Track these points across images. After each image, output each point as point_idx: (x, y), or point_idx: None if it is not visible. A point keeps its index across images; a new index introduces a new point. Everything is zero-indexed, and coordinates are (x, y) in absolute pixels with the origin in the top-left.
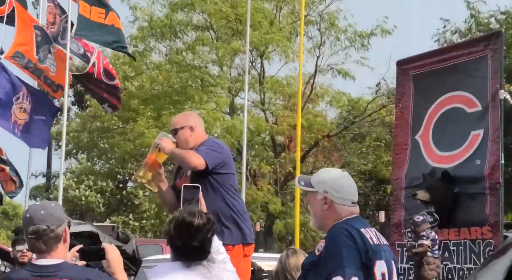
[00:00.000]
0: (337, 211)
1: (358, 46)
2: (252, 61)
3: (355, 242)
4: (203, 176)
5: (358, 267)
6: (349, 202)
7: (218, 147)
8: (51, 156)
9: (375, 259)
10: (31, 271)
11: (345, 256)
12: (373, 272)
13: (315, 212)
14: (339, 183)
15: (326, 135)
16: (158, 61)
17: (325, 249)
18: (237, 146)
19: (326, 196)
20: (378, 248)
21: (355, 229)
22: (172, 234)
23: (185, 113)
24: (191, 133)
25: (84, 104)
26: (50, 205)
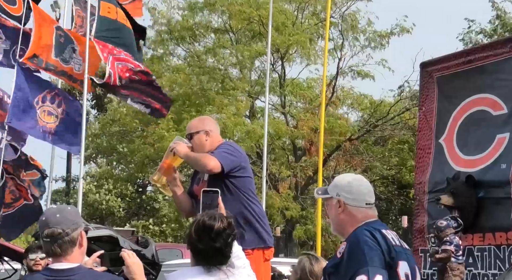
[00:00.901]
0: (352, 214)
1: (377, 46)
2: (273, 64)
3: (377, 242)
4: (220, 180)
5: (382, 266)
6: (363, 203)
7: (234, 150)
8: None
9: (398, 260)
10: (46, 275)
11: (368, 256)
12: (397, 272)
13: (332, 217)
14: (350, 185)
15: (348, 139)
16: (177, 64)
17: (347, 250)
18: (257, 149)
19: (339, 199)
20: (399, 249)
21: (377, 229)
22: (193, 237)
23: (200, 118)
24: (207, 138)
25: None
26: (66, 209)
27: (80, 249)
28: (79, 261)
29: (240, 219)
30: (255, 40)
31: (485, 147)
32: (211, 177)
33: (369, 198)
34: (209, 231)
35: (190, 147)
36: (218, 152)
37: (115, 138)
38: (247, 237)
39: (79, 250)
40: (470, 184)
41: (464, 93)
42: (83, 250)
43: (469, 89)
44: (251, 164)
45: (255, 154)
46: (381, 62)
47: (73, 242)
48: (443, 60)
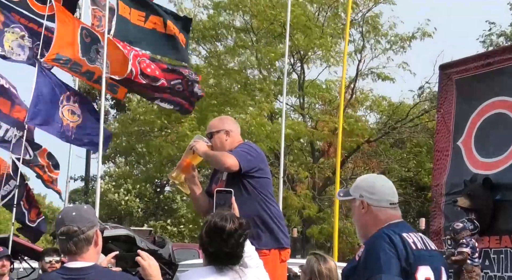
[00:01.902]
0: (375, 214)
1: (398, 49)
2: (293, 65)
3: (395, 247)
4: (238, 180)
5: (397, 273)
6: (386, 203)
7: (253, 150)
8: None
9: (418, 265)
10: (62, 273)
11: (383, 262)
12: (415, 277)
13: (356, 219)
14: (372, 185)
15: (366, 140)
16: (198, 64)
17: (364, 254)
18: (275, 150)
19: (362, 200)
20: (421, 253)
21: (397, 234)
22: (204, 239)
23: (221, 117)
24: (227, 138)
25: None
26: (83, 208)
27: (96, 248)
28: (94, 260)
29: (257, 219)
30: (276, 41)
31: (503, 149)
32: (229, 176)
33: (393, 198)
34: (220, 233)
35: (210, 146)
36: (237, 151)
37: (134, 138)
38: (264, 238)
39: (94, 249)
40: (487, 186)
41: (483, 95)
42: (98, 249)
43: (488, 91)
44: (269, 165)
45: (273, 155)
46: (402, 65)
47: (88, 240)
48: (462, 63)
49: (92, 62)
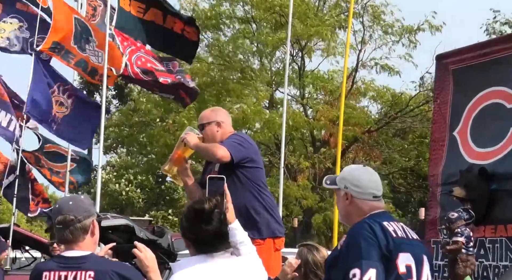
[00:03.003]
0: (359, 206)
1: (406, 42)
2: (293, 55)
3: (375, 234)
4: (231, 171)
5: (377, 259)
6: (369, 196)
7: (244, 141)
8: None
9: (398, 252)
10: (58, 262)
11: (363, 249)
12: (395, 264)
13: (340, 208)
14: (358, 178)
15: (367, 130)
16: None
17: (345, 243)
18: (276, 140)
19: (347, 191)
20: (402, 241)
21: (377, 222)
22: (186, 226)
23: (213, 109)
24: (218, 129)
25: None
26: (79, 197)
27: (93, 237)
28: (91, 249)
29: (250, 209)
30: (276, 30)
31: (499, 139)
32: (221, 167)
33: (377, 192)
34: (200, 214)
35: (201, 138)
36: (228, 141)
37: (135, 128)
38: (258, 227)
39: (91, 238)
40: (483, 176)
41: (479, 86)
42: (95, 239)
43: (484, 82)
44: (270, 154)
45: (274, 145)
46: (404, 56)
47: (85, 229)
48: (458, 53)
49: (83, 51)
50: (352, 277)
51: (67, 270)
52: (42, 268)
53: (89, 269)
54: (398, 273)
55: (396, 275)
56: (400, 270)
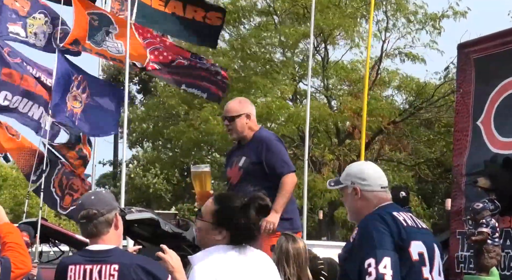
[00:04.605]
0: (369, 199)
1: (430, 29)
2: (316, 46)
3: (386, 224)
4: (257, 167)
5: (391, 248)
6: (378, 188)
7: (283, 145)
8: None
9: (410, 240)
10: (84, 256)
11: (376, 239)
12: (408, 252)
13: (350, 206)
14: (363, 171)
15: (392, 121)
16: (221, 48)
17: (358, 235)
18: (300, 133)
19: (355, 186)
20: (413, 230)
21: (387, 212)
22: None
23: (240, 100)
24: (247, 121)
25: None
26: (101, 192)
27: (116, 231)
28: (115, 243)
29: None
30: (299, 22)
31: None
32: (247, 162)
33: (383, 182)
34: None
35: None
36: (277, 159)
37: (160, 123)
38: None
39: (115, 231)
40: (507, 166)
41: (502, 75)
42: (119, 233)
43: (506, 70)
44: (294, 147)
45: (298, 137)
46: (429, 44)
47: (108, 222)
48: (480, 42)
49: (97, 45)
50: (367, 266)
51: (92, 263)
52: (67, 261)
53: (113, 263)
54: (412, 260)
55: (409, 262)
56: (413, 258)
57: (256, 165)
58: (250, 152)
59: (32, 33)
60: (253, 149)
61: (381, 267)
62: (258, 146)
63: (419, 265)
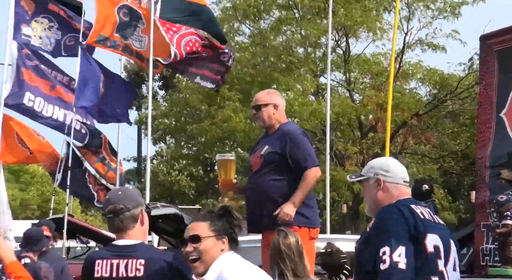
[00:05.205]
0: (390, 191)
1: (449, 15)
2: (337, 40)
3: (403, 215)
4: (276, 160)
5: (406, 238)
6: (400, 180)
7: (308, 139)
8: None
9: (426, 232)
10: (110, 250)
11: (392, 229)
12: (424, 243)
13: (370, 197)
14: (387, 164)
15: (415, 114)
16: (242, 43)
17: (374, 225)
18: (322, 126)
19: (378, 177)
20: (429, 223)
21: (404, 205)
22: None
23: (269, 91)
24: (274, 111)
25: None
26: (128, 188)
27: (142, 226)
28: (141, 238)
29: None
30: (320, 17)
31: None
32: (268, 155)
33: (405, 177)
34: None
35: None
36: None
37: (183, 119)
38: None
39: (140, 227)
40: None
41: None
42: (145, 228)
43: None
44: (317, 141)
45: (320, 131)
46: (451, 34)
47: (134, 218)
48: (503, 33)
49: (125, 38)
50: (382, 254)
51: (119, 258)
52: (95, 256)
53: (140, 257)
54: (427, 252)
55: (424, 254)
56: (428, 250)
57: (276, 155)
58: (273, 142)
59: (37, 37)
60: (277, 139)
61: (396, 256)
62: (282, 138)
63: (434, 258)
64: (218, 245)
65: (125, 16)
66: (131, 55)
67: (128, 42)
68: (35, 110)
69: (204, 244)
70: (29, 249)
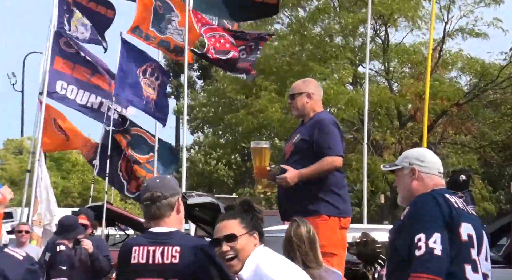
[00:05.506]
0: (425, 181)
1: (491, 3)
2: (376, 30)
3: (438, 203)
4: (305, 148)
5: (441, 225)
6: (435, 171)
7: (338, 130)
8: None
9: (460, 221)
10: (147, 237)
11: (427, 216)
12: (458, 231)
13: (404, 186)
14: (423, 154)
15: (455, 103)
16: (279, 31)
17: (409, 213)
18: (360, 116)
19: (413, 167)
20: (463, 212)
21: (439, 193)
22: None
23: (305, 80)
24: (308, 100)
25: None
26: (166, 177)
27: (178, 215)
28: (177, 226)
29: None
30: (358, 5)
31: None
32: (299, 143)
33: (440, 168)
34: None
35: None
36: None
37: (220, 108)
38: (324, 205)
39: (177, 215)
40: None
41: None
42: (181, 217)
43: None
44: (354, 131)
45: (358, 121)
46: (492, 22)
47: (170, 206)
48: None
49: (161, 33)
50: (417, 241)
51: (155, 245)
52: (132, 243)
53: (176, 245)
54: (461, 240)
55: (458, 242)
56: (462, 238)
57: (306, 143)
58: (305, 131)
59: (75, 27)
60: (308, 128)
61: (431, 242)
62: (313, 126)
63: (468, 246)
64: (251, 241)
65: (160, 9)
66: (167, 50)
67: (165, 37)
68: (68, 97)
69: (240, 242)
70: (64, 237)
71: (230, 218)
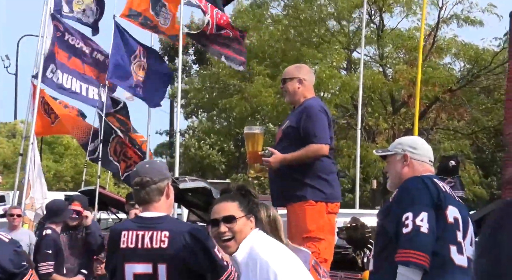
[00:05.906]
0: (415, 167)
1: None
2: (371, 15)
3: (426, 185)
4: (293, 134)
5: (428, 205)
6: (426, 159)
7: (326, 117)
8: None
9: (448, 204)
10: (136, 222)
11: (415, 196)
12: (445, 213)
13: (395, 172)
14: (415, 142)
15: (448, 89)
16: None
17: (397, 193)
18: (354, 101)
19: (405, 153)
20: (450, 197)
21: (428, 177)
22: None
23: (297, 65)
24: (299, 86)
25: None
26: (155, 161)
27: (167, 200)
28: (166, 211)
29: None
30: None
31: None
32: (287, 129)
33: (431, 157)
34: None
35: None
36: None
37: (215, 93)
38: (311, 190)
39: (166, 200)
40: None
41: None
42: (170, 202)
43: None
44: (348, 116)
45: (352, 106)
46: (487, 9)
47: (160, 190)
48: None
49: (157, 16)
50: (404, 219)
51: (144, 229)
52: (120, 227)
53: (164, 229)
54: (447, 222)
55: (444, 223)
56: (448, 220)
57: (294, 129)
58: (293, 117)
59: (80, 9)
60: (297, 114)
61: (418, 220)
62: (301, 112)
63: (454, 229)
64: (248, 224)
65: None
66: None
67: (157, 20)
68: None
69: (238, 224)
70: (52, 221)
71: (229, 200)
